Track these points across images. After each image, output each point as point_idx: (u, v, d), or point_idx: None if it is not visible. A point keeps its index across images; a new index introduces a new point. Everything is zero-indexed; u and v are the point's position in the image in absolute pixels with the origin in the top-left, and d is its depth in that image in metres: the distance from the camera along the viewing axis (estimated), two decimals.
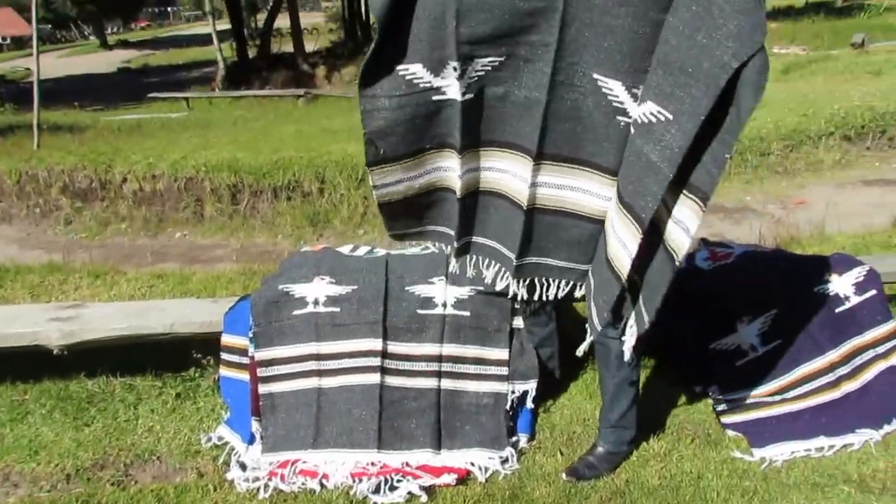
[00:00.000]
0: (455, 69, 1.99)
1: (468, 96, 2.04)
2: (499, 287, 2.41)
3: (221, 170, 6.42)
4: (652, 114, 1.85)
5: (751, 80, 1.65)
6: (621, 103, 1.97)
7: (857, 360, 2.69)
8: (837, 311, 2.66)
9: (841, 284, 2.70)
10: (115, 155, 6.91)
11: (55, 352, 2.93)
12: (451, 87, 2.02)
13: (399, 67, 2.00)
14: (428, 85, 2.02)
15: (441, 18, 1.94)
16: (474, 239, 2.36)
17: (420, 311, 2.63)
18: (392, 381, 2.60)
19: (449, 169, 2.20)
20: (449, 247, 2.36)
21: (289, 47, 20.58)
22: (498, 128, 2.14)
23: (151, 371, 3.16)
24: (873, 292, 2.69)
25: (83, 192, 6.61)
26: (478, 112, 2.10)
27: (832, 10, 22.71)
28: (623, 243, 2.01)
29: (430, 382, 2.62)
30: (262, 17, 26.49)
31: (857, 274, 2.72)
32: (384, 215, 2.27)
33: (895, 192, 5.88)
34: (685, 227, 1.86)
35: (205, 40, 26.03)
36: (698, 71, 1.72)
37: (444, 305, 2.64)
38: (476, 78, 2.03)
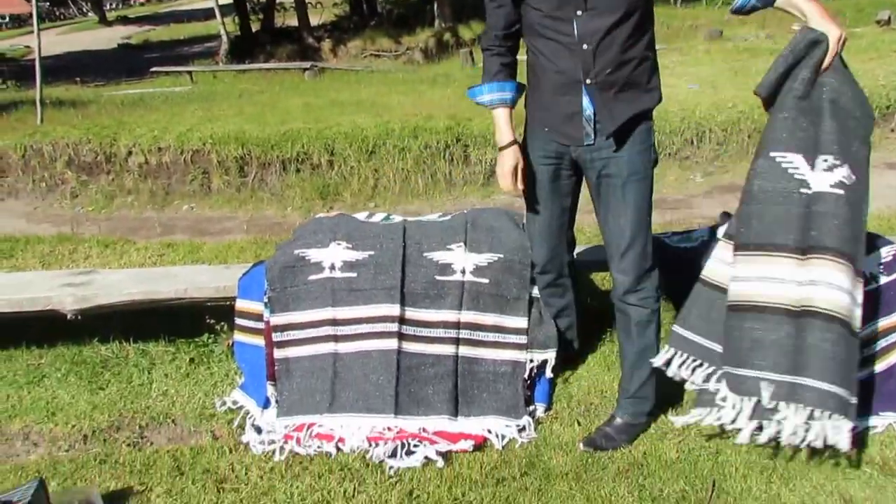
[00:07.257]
0: (825, 161, 2.15)
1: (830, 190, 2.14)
2: None
3: (228, 142, 6.35)
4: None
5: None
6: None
7: (883, 342, 2.56)
8: (866, 290, 2.56)
9: (868, 263, 2.55)
10: (119, 128, 6.87)
11: (69, 316, 2.92)
12: (817, 181, 2.15)
13: (775, 154, 2.18)
14: (802, 177, 2.16)
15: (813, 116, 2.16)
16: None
17: (438, 278, 2.61)
18: (410, 347, 2.57)
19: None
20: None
21: (293, 21, 20.30)
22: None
23: (164, 337, 3.16)
24: None
25: (88, 166, 6.56)
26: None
27: None
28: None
29: (448, 349, 2.60)
30: None
31: (885, 253, 2.61)
32: None
33: None
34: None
35: (206, 15, 25.71)
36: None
37: (464, 272, 2.61)
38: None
